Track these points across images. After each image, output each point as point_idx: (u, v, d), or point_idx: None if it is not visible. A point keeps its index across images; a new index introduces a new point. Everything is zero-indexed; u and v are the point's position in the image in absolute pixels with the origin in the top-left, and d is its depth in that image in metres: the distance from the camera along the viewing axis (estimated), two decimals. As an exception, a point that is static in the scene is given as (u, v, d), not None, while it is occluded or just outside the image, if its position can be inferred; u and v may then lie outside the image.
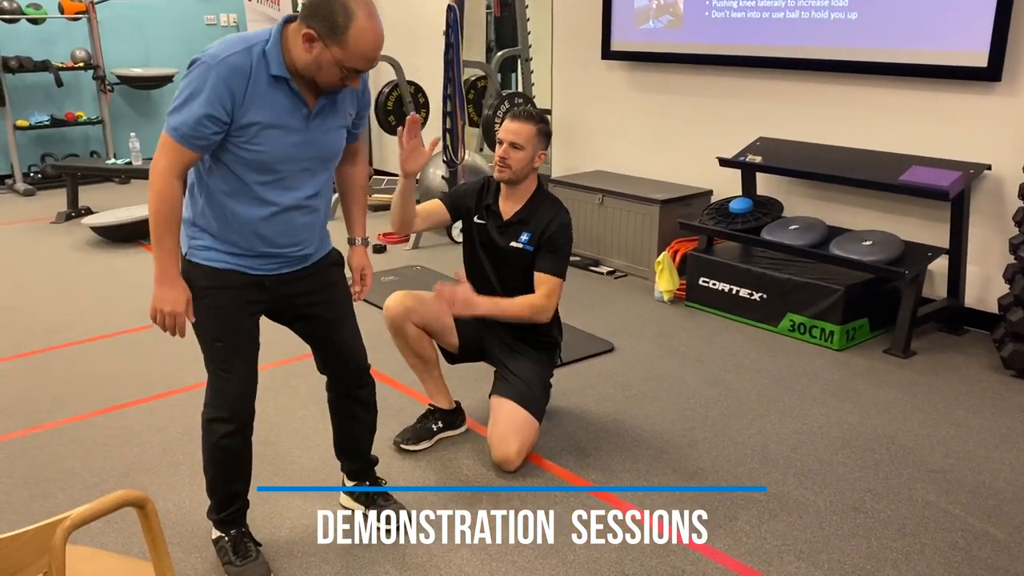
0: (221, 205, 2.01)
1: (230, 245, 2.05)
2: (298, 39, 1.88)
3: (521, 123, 2.69)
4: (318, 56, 1.87)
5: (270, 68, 1.90)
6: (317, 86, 1.95)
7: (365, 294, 2.34)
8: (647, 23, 5.00)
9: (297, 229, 2.08)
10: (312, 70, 1.90)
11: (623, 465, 2.76)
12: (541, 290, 2.67)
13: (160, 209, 1.94)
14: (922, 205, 3.99)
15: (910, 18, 3.87)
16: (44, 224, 6.16)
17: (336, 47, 1.85)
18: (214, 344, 2.09)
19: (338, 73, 1.90)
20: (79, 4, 7.37)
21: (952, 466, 2.76)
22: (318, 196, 2.11)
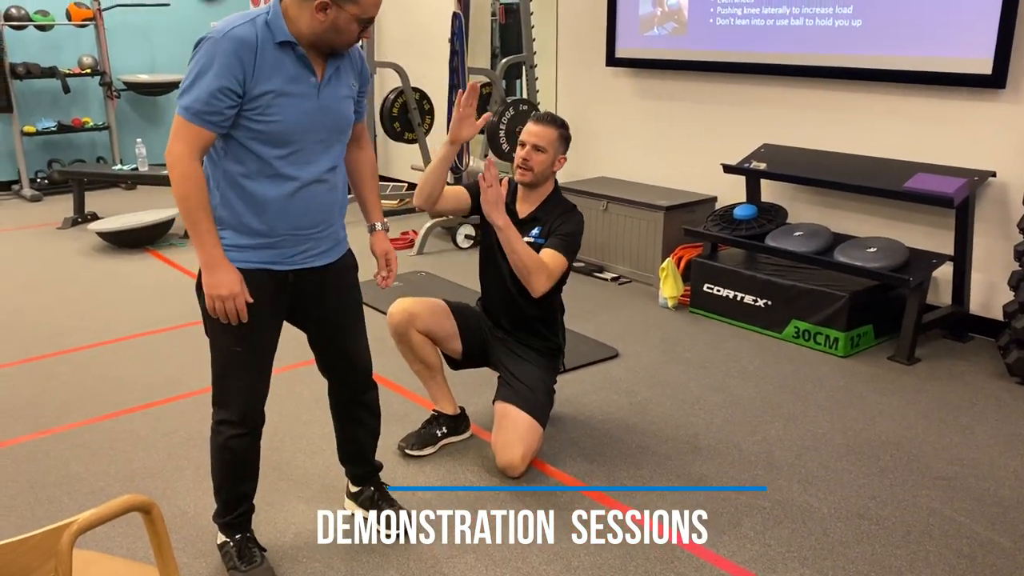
0: (241, 189, 1.99)
1: (254, 235, 2.02)
2: (304, 11, 1.91)
3: (544, 126, 2.72)
4: (334, 20, 1.91)
5: (275, 36, 1.92)
6: (322, 55, 1.99)
7: (392, 280, 2.31)
8: (652, 30, 5.02)
9: (319, 207, 2.07)
10: (330, 35, 1.94)
11: (627, 471, 2.76)
12: (545, 258, 2.65)
13: (187, 192, 1.91)
14: (927, 212, 3.99)
15: (914, 25, 3.88)
16: (50, 229, 6.19)
17: (350, 4, 1.90)
18: (232, 349, 2.07)
19: (356, 28, 1.95)
20: (86, 11, 7.41)
21: (957, 473, 2.75)
22: (335, 171, 2.11)
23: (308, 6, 1.90)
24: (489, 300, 2.93)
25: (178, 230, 5.92)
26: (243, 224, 2.01)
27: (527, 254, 2.60)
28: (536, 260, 2.62)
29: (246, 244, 2.03)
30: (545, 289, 2.65)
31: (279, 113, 1.94)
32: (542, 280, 2.63)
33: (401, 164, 7.32)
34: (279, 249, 2.05)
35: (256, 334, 2.08)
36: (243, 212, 2.00)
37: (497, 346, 2.91)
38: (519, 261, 2.60)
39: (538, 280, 2.62)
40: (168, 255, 5.45)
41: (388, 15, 7.09)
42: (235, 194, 2.00)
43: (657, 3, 4.96)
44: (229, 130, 1.94)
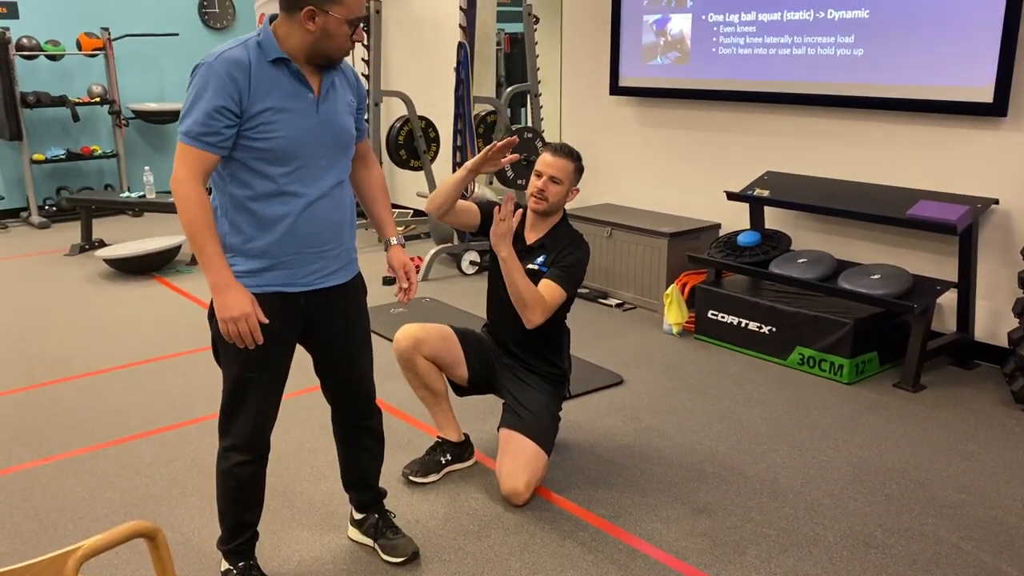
0: (249, 212, 2.00)
1: (265, 258, 2.03)
2: (293, 27, 1.96)
3: (561, 159, 2.76)
4: (323, 26, 1.95)
5: (267, 55, 1.96)
6: (318, 70, 2.03)
7: (413, 294, 2.30)
8: (655, 59, 5.07)
9: (327, 224, 2.09)
10: (324, 43, 1.97)
11: (632, 499, 2.75)
12: (543, 291, 2.68)
13: (192, 216, 1.91)
14: (930, 239, 4.00)
15: (915, 54, 3.92)
16: (58, 256, 6.22)
17: (335, 6, 1.94)
18: (244, 375, 2.07)
19: (347, 30, 1.98)
20: (97, 41, 7.51)
21: (963, 501, 2.74)
22: (341, 186, 2.12)
23: (296, 19, 1.95)
24: (496, 325, 2.95)
25: (184, 257, 5.95)
26: (253, 247, 2.02)
27: (525, 287, 2.62)
28: (533, 294, 2.64)
29: (257, 268, 2.03)
30: (539, 323, 2.68)
31: (280, 129, 1.96)
32: (537, 314, 2.66)
33: (407, 191, 7.37)
34: (290, 270, 2.06)
35: (269, 360, 2.09)
36: (252, 235, 2.01)
37: (503, 372, 2.92)
38: (516, 293, 2.63)
39: (533, 314, 2.66)
40: (174, 282, 5.47)
41: (394, 45, 7.17)
42: (243, 217, 2.01)
43: (660, 33, 5.01)
44: (232, 153, 1.96)
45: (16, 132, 7.05)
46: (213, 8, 8.34)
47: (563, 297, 2.71)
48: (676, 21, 4.91)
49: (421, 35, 6.91)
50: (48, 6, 7.48)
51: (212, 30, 8.39)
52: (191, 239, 1.94)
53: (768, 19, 4.45)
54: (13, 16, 7.31)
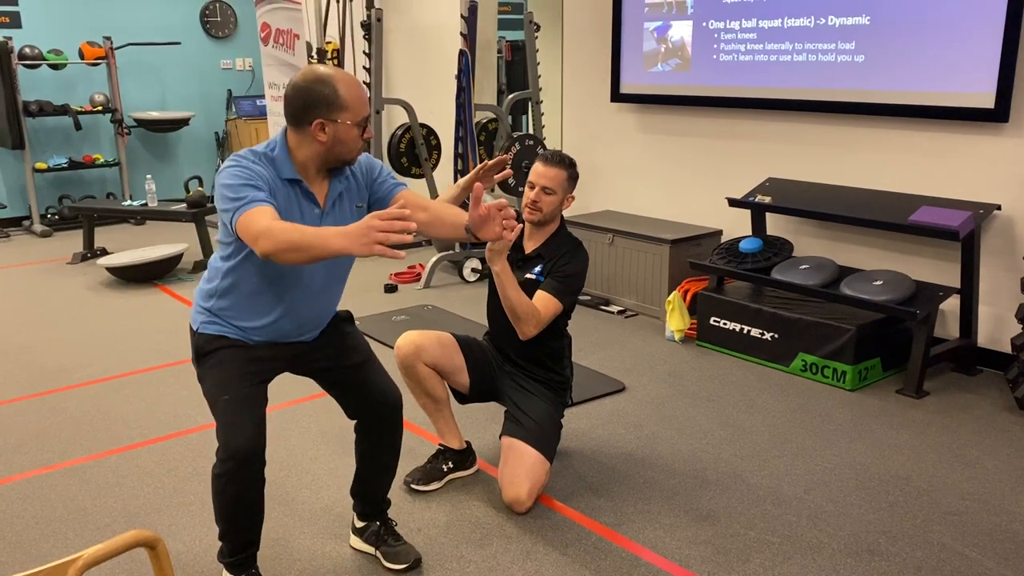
0: (242, 300, 2.13)
1: (243, 333, 2.17)
2: (304, 139, 2.03)
3: (553, 168, 2.74)
4: (335, 133, 2.01)
5: (281, 173, 2.04)
6: (327, 178, 2.11)
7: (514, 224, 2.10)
8: (655, 66, 5.07)
9: (311, 320, 2.24)
10: (337, 150, 2.04)
11: (635, 507, 2.74)
12: (537, 303, 2.67)
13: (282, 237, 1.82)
14: (932, 245, 3.99)
15: (917, 60, 3.92)
16: (60, 265, 6.23)
17: (342, 113, 2.00)
18: (221, 399, 2.11)
19: (357, 133, 2.04)
20: (99, 50, 7.54)
21: (968, 508, 2.73)
22: (334, 286, 2.25)
23: (307, 133, 2.02)
24: (496, 333, 2.94)
25: (186, 265, 5.96)
26: (236, 323, 2.17)
27: (518, 301, 2.62)
28: (526, 308, 2.63)
29: (231, 332, 2.17)
30: (533, 335, 2.68)
31: None
32: (530, 327, 2.65)
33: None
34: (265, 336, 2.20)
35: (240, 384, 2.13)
36: (239, 317, 2.15)
37: (504, 380, 2.91)
38: (510, 307, 2.63)
39: (527, 327, 2.65)
40: (176, 290, 5.47)
41: (396, 52, 7.18)
42: (236, 302, 2.15)
43: (660, 40, 5.02)
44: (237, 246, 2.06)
45: (19, 141, 7.07)
46: (215, 17, 8.37)
47: (558, 309, 2.70)
48: (677, 28, 4.92)
49: (422, 43, 6.92)
50: (51, 16, 7.51)
51: (214, 39, 8.41)
52: (308, 250, 1.81)
53: (769, 26, 4.46)
54: (16, 26, 7.34)
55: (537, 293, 2.69)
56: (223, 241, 2.12)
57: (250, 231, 1.87)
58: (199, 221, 5.95)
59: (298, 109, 2.00)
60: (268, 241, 1.83)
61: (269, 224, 1.85)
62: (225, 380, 2.11)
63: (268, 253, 1.84)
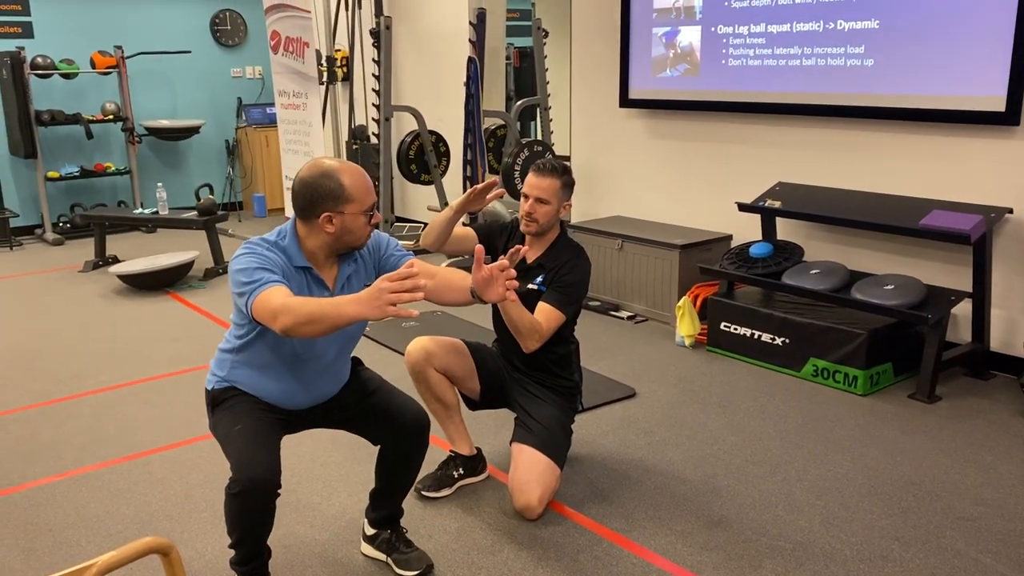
0: (256, 372, 2.20)
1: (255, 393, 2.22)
2: (312, 230, 2.10)
3: (546, 178, 2.72)
4: (343, 224, 2.07)
5: (293, 261, 2.10)
6: (336, 262, 2.18)
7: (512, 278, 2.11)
8: (664, 72, 5.07)
9: (324, 390, 2.30)
10: (346, 239, 2.10)
11: (646, 513, 2.74)
12: (539, 316, 2.67)
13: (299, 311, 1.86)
14: (944, 249, 3.98)
15: (927, 64, 3.91)
16: (72, 273, 6.26)
17: (349, 205, 2.06)
18: (234, 429, 2.13)
19: (364, 220, 2.10)
20: (110, 59, 7.59)
21: (981, 513, 2.71)
22: (341, 361, 2.31)
23: (315, 225, 2.08)
24: (502, 342, 2.94)
25: (197, 272, 5.98)
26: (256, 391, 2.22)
27: (519, 317, 2.62)
28: (528, 324, 2.63)
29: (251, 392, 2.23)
30: (535, 348, 2.68)
31: None
32: (532, 341, 2.65)
33: (418, 205, 7.39)
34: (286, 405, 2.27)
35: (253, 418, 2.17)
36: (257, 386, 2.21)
37: (514, 386, 2.91)
38: (511, 323, 2.63)
39: (529, 341, 2.65)
40: (187, 297, 5.50)
41: (405, 60, 7.21)
42: (248, 376, 2.20)
43: (669, 45, 5.02)
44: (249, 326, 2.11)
45: (31, 150, 7.12)
46: (225, 26, 8.42)
47: (561, 320, 2.70)
48: (685, 33, 4.92)
49: (431, 50, 6.95)
50: (62, 26, 7.57)
51: (224, 47, 8.46)
52: (324, 320, 1.85)
53: (778, 30, 4.46)
54: (28, 36, 7.40)
55: (539, 305, 2.69)
56: (237, 322, 2.20)
57: (268, 310, 1.91)
58: (210, 228, 5.97)
59: (306, 203, 2.06)
60: (287, 316, 1.86)
61: (285, 301, 1.90)
62: (237, 414, 2.16)
63: (288, 328, 1.87)
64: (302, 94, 6.64)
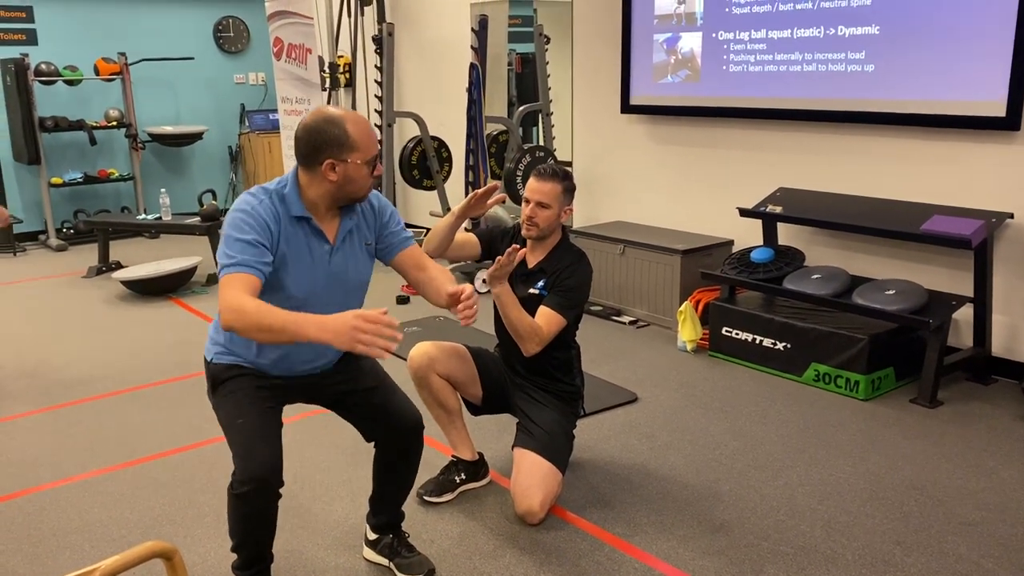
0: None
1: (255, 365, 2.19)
2: (314, 179, 2.06)
3: (547, 182, 2.73)
4: (345, 172, 2.05)
5: (291, 211, 2.07)
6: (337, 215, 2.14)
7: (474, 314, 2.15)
8: (665, 78, 5.09)
9: (321, 356, 2.25)
10: (348, 188, 2.08)
11: (648, 518, 2.74)
12: (540, 320, 2.68)
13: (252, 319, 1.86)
14: (945, 254, 3.98)
15: (927, 69, 3.91)
16: (75, 278, 6.28)
17: (352, 152, 2.04)
18: (236, 422, 2.13)
19: (367, 171, 2.08)
20: (113, 66, 7.62)
21: (984, 518, 2.71)
22: None
23: (317, 173, 2.05)
24: (503, 347, 2.95)
25: (200, 278, 6.00)
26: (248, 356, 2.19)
27: (519, 321, 2.63)
28: (528, 327, 2.64)
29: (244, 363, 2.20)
30: (536, 352, 2.69)
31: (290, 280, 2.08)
32: (533, 345, 2.67)
33: (420, 210, 7.41)
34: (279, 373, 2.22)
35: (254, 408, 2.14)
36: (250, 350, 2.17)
37: (516, 391, 2.92)
38: (512, 327, 2.65)
39: (529, 344, 2.67)
40: (190, 303, 5.51)
41: (407, 66, 7.23)
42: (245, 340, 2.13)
43: (670, 51, 5.03)
44: None
45: (35, 156, 7.15)
46: (228, 32, 8.45)
47: (562, 324, 2.70)
48: (686, 39, 4.93)
49: (433, 56, 6.97)
50: (66, 32, 7.60)
51: (227, 54, 8.49)
52: (280, 334, 1.86)
53: (778, 36, 4.47)
54: (32, 43, 7.44)
55: (540, 309, 2.70)
56: None
57: (223, 299, 1.91)
58: (213, 234, 5.99)
59: (309, 150, 2.04)
60: (235, 318, 1.86)
61: (242, 303, 1.87)
62: (239, 405, 2.14)
63: (232, 329, 1.87)
64: (305, 100, 6.66)
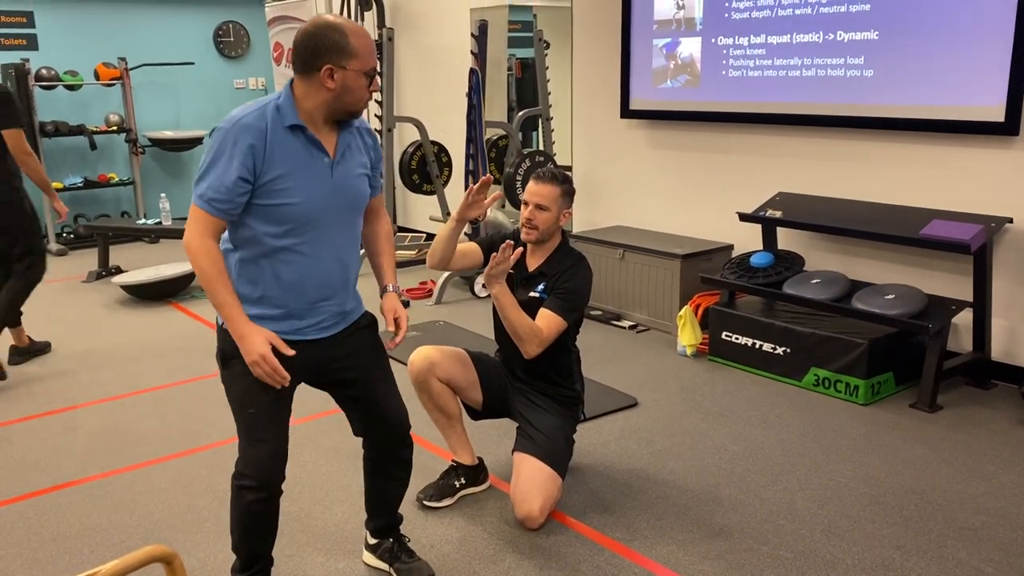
0: (259, 267, 2.07)
1: (267, 307, 2.09)
2: (311, 88, 2.00)
3: (546, 185, 2.74)
4: (343, 81, 1.99)
5: (285, 120, 2.00)
6: (334, 131, 2.08)
7: (401, 339, 2.25)
8: (665, 83, 5.10)
9: (334, 282, 2.15)
10: (345, 99, 2.02)
11: (648, 522, 2.74)
12: (540, 322, 2.68)
13: (203, 269, 1.98)
14: (944, 258, 3.98)
15: (926, 74, 3.92)
16: (75, 283, 6.28)
17: (352, 60, 1.98)
18: (246, 411, 2.10)
19: (364, 83, 2.03)
20: (114, 71, 7.63)
21: (983, 523, 2.71)
22: (351, 247, 2.18)
23: (315, 79, 1.99)
24: (503, 352, 2.95)
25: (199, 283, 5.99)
26: (257, 296, 2.09)
27: (519, 322, 2.63)
28: (528, 328, 2.64)
29: (257, 314, 2.07)
30: (536, 353, 2.68)
31: (294, 194, 2.01)
32: (533, 346, 2.66)
33: (420, 215, 7.41)
34: (290, 321, 2.11)
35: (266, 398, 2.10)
36: (258, 286, 2.08)
37: (516, 396, 2.92)
38: (511, 328, 2.65)
39: (529, 346, 2.66)
40: (190, 307, 5.51)
41: (407, 71, 7.24)
42: (252, 270, 2.08)
43: (670, 56, 5.04)
44: (247, 216, 2.02)
45: (35, 161, 7.15)
46: (228, 37, 8.47)
47: (562, 326, 2.70)
48: (686, 44, 4.94)
49: (433, 61, 6.98)
50: (67, 38, 7.61)
51: (227, 59, 8.50)
52: (206, 290, 2.01)
53: (777, 41, 4.48)
54: (33, 48, 7.45)
55: (540, 311, 2.70)
56: None
57: (191, 234, 1.99)
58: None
59: (308, 55, 1.98)
60: (191, 255, 1.99)
61: (200, 245, 1.98)
62: (250, 391, 2.08)
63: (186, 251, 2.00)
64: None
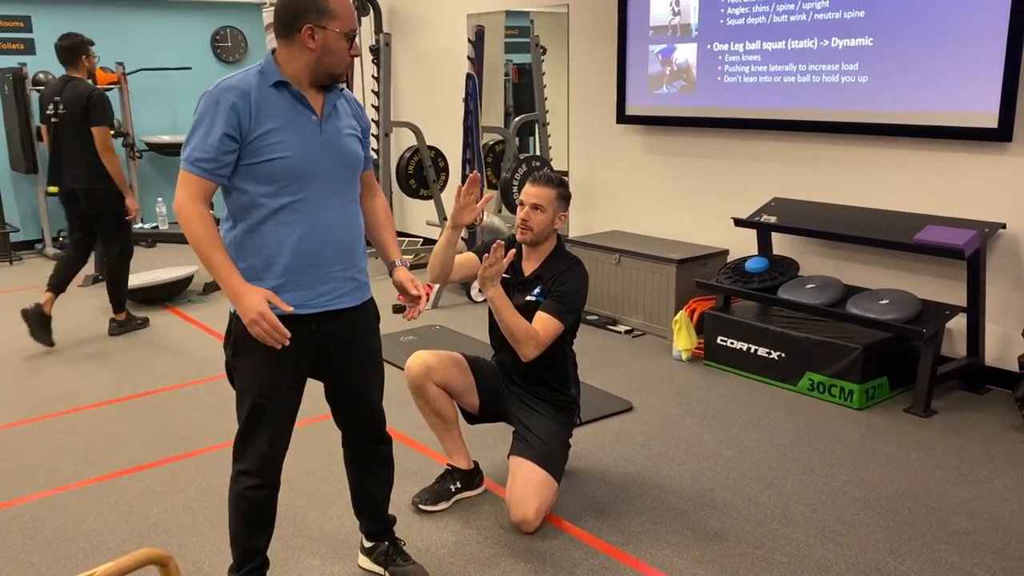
0: (258, 234, 2.05)
1: (276, 276, 2.05)
2: (293, 51, 2.03)
3: (542, 187, 2.76)
4: (323, 42, 2.01)
5: (269, 80, 2.03)
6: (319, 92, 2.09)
7: (423, 307, 2.29)
8: (661, 88, 5.11)
9: (336, 245, 2.11)
10: (326, 60, 2.03)
11: (643, 526, 2.75)
12: (537, 325, 2.69)
13: (195, 231, 1.98)
14: (938, 264, 4.00)
15: (920, 80, 3.94)
16: (72, 287, 6.26)
17: (332, 20, 2.00)
18: (256, 400, 2.10)
19: (345, 44, 2.05)
20: (111, 75, 7.63)
21: (976, 527, 2.72)
22: (349, 208, 2.17)
23: (296, 41, 2.02)
24: (500, 356, 2.96)
25: (196, 287, 6.00)
26: (264, 264, 2.05)
27: (515, 325, 2.64)
28: (524, 331, 2.65)
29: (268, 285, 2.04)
30: (534, 356, 2.69)
31: (286, 148, 2.01)
32: (530, 349, 2.67)
33: (417, 220, 7.42)
34: (299, 291, 2.08)
35: (281, 385, 2.11)
36: (264, 252, 2.05)
37: (512, 400, 2.93)
38: (507, 331, 2.66)
39: (526, 349, 2.67)
40: (186, 312, 5.51)
41: (404, 76, 7.26)
42: (255, 237, 2.05)
43: (665, 62, 5.06)
44: (238, 178, 2.02)
45: (31, 165, 7.15)
46: (225, 42, 8.47)
47: (559, 329, 2.71)
48: (681, 51, 4.97)
49: (430, 66, 7.00)
50: (64, 42, 7.60)
51: (224, 63, 8.51)
52: (199, 253, 2.00)
53: (773, 48, 4.50)
54: (30, 52, 7.45)
55: (537, 314, 2.71)
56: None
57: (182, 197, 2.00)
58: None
59: (288, 17, 2.01)
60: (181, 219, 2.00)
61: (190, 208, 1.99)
62: (264, 381, 2.08)
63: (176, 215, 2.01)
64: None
